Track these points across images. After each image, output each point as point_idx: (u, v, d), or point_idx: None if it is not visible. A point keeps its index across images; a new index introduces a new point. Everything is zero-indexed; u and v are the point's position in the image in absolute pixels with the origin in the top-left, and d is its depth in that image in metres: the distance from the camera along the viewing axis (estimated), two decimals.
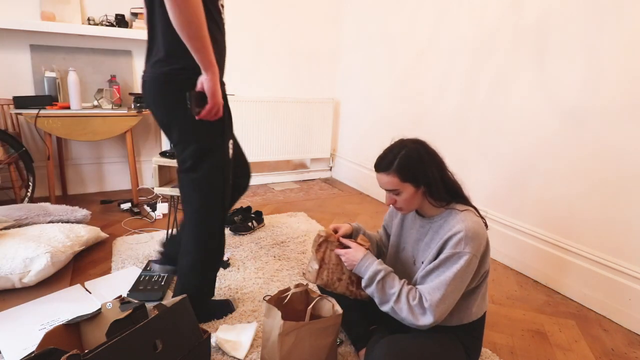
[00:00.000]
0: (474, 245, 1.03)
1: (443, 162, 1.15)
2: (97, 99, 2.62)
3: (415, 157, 1.09)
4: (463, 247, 1.03)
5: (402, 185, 1.10)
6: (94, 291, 1.62)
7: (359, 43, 3.29)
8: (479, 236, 1.05)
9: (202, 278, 1.41)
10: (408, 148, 1.11)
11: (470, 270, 1.05)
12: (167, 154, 1.80)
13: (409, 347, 1.06)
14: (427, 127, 2.62)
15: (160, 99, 1.27)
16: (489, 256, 1.13)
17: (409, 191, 1.10)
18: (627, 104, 1.57)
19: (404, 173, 1.09)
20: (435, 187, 1.10)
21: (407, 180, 1.09)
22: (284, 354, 1.11)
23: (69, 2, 2.61)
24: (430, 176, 1.09)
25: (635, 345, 1.51)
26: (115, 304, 1.17)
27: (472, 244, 1.03)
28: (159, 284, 1.58)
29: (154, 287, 1.56)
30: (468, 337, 1.17)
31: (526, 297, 1.81)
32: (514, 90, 2.02)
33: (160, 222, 2.42)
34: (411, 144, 1.13)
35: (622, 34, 1.57)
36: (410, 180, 1.09)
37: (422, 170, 1.09)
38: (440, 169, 1.12)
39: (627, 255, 1.61)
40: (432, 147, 1.15)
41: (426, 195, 1.11)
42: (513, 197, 2.07)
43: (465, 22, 2.28)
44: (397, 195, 1.12)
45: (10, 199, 2.56)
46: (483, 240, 1.07)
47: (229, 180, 1.39)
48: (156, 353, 1.01)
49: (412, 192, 1.10)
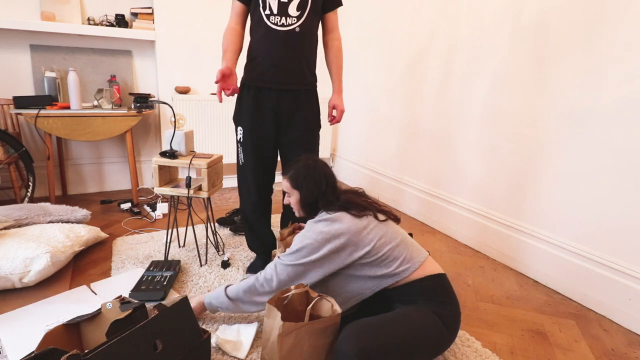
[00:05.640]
0: (311, 234, 1.29)
1: (327, 183, 1.36)
2: (97, 99, 2.62)
3: (302, 173, 1.37)
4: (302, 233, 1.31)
5: (291, 191, 1.40)
6: (99, 292, 1.61)
7: (359, 43, 3.29)
8: (317, 226, 1.29)
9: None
10: (304, 164, 1.38)
11: (308, 249, 1.27)
12: (167, 154, 1.80)
13: (370, 324, 1.10)
14: (427, 127, 2.62)
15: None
16: (362, 242, 1.25)
17: (296, 197, 1.40)
18: (627, 104, 1.57)
19: (293, 181, 1.38)
20: (304, 201, 1.38)
21: (294, 187, 1.39)
22: (284, 354, 1.11)
23: (69, 2, 2.61)
24: (304, 191, 1.36)
25: (635, 345, 1.51)
26: (115, 304, 1.17)
27: (308, 231, 1.30)
28: (161, 284, 1.58)
29: (156, 287, 1.56)
30: (434, 304, 1.20)
31: (526, 297, 1.81)
32: (513, 90, 2.02)
33: (160, 222, 2.42)
34: (311, 162, 1.40)
35: (622, 33, 1.57)
36: (296, 188, 1.38)
37: (302, 184, 1.36)
38: (318, 188, 1.35)
39: (627, 255, 1.61)
40: (326, 170, 1.40)
41: (299, 205, 1.40)
42: (512, 197, 2.07)
43: (465, 22, 2.28)
44: (289, 197, 1.42)
45: (10, 199, 2.56)
46: (321, 227, 1.28)
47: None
48: (156, 353, 1.01)
49: (297, 199, 1.40)
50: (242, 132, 1.71)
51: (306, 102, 1.72)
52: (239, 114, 1.72)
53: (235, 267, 1.89)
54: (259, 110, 1.67)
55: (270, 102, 1.66)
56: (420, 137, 2.70)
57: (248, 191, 1.77)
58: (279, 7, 1.55)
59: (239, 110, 1.71)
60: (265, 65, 1.61)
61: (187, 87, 2.95)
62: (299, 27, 1.59)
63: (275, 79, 1.62)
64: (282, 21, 1.56)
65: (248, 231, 1.88)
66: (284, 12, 1.55)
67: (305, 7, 1.58)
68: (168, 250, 1.93)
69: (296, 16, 1.57)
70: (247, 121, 1.69)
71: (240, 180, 1.79)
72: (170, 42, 2.91)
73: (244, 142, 1.72)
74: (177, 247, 2.06)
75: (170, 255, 1.96)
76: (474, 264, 2.11)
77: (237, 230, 2.29)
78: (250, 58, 1.65)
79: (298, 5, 1.56)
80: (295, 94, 1.68)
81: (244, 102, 1.69)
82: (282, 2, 1.55)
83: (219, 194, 3.11)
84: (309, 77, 1.72)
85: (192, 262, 1.91)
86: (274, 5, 1.55)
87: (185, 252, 2.02)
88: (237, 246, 2.13)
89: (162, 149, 3.10)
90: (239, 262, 1.94)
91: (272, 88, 1.64)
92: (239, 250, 2.07)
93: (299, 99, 1.69)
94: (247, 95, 1.67)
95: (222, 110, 3.04)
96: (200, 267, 1.87)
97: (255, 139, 1.70)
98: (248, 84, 1.67)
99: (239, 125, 1.73)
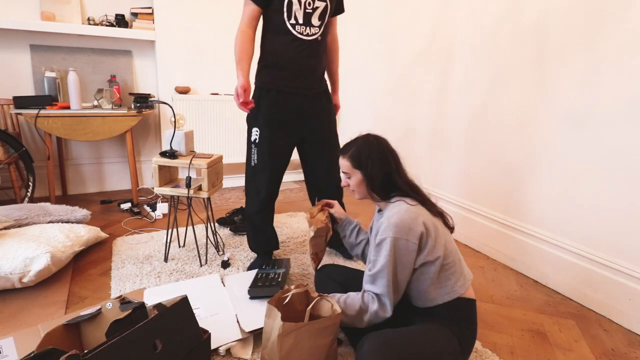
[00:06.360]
0: (397, 229, 1.12)
1: (394, 161, 1.25)
2: (97, 99, 2.62)
3: (366, 151, 1.23)
4: (387, 233, 1.13)
5: (352, 171, 1.26)
6: (227, 285, 1.68)
7: (358, 42, 3.29)
8: (403, 221, 1.13)
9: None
10: (366, 141, 1.25)
11: (402, 252, 1.13)
12: (167, 154, 1.80)
13: (397, 339, 1.08)
14: (427, 127, 2.62)
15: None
16: (437, 242, 1.15)
17: (358, 177, 1.25)
18: (626, 104, 1.57)
19: (355, 161, 1.24)
20: (371, 181, 1.23)
21: (356, 167, 1.24)
22: (284, 355, 1.11)
23: (69, 2, 2.61)
24: (370, 171, 1.22)
25: (635, 345, 1.51)
26: (115, 303, 1.17)
27: (394, 228, 1.12)
28: (276, 280, 1.61)
29: (272, 283, 1.59)
30: (457, 328, 1.18)
31: (526, 297, 1.81)
32: (513, 89, 2.02)
33: (160, 222, 2.43)
34: (372, 138, 1.26)
35: (623, 34, 1.57)
36: (359, 168, 1.24)
37: (367, 163, 1.22)
38: (384, 167, 1.22)
39: (627, 255, 1.61)
40: (389, 147, 1.27)
41: (366, 188, 1.25)
42: (512, 196, 2.07)
43: (465, 22, 2.28)
44: (348, 179, 1.28)
45: (10, 199, 2.56)
46: (410, 224, 1.13)
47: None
48: (156, 353, 1.01)
49: (360, 179, 1.25)
50: (259, 133, 1.73)
51: (326, 103, 1.83)
52: (255, 115, 1.73)
53: (235, 267, 1.89)
54: (281, 113, 1.71)
55: (293, 106, 1.72)
56: (420, 137, 2.69)
57: (257, 191, 1.79)
58: (304, 17, 1.62)
59: (257, 112, 1.72)
60: (289, 71, 1.67)
61: (187, 87, 2.95)
62: (320, 36, 1.69)
63: (300, 84, 1.71)
64: (307, 31, 1.64)
65: (252, 231, 1.89)
66: (308, 22, 1.63)
67: (325, 17, 1.67)
68: (168, 250, 1.93)
69: (318, 26, 1.66)
70: (265, 123, 1.71)
71: (250, 180, 1.81)
72: (170, 42, 2.91)
73: (259, 143, 1.74)
74: (177, 247, 2.06)
75: (170, 255, 1.96)
76: (474, 264, 2.11)
77: (237, 230, 2.29)
78: (270, 63, 1.69)
79: (319, 15, 1.65)
80: (316, 97, 1.78)
81: (263, 104, 1.71)
82: (307, 12, 1.62)
83: (219, 194, 3.11)
84: (324, 80, 1.83)
85: (192, 262, 1.91)
86: (299, 16, 1.61)
87: (185, 252, 2.02)
88: (237, 246, 2.13)
89: (162, 149, 3.10)
90: (239, 262, 1.94)
91: (296, 93, 1.71)
92: (239, 250, 2.07)
93: (321, 101, 1.80)
94: (267, 98, 1.70)
95: (222, 110, 3.04)
96: (200, 267, 1.87)
97: (275, 140, 1.73)
98: (268, 87, 1.71)
99: (254, 127, 1.74)
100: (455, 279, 1.19)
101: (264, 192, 1.78)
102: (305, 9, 1.61)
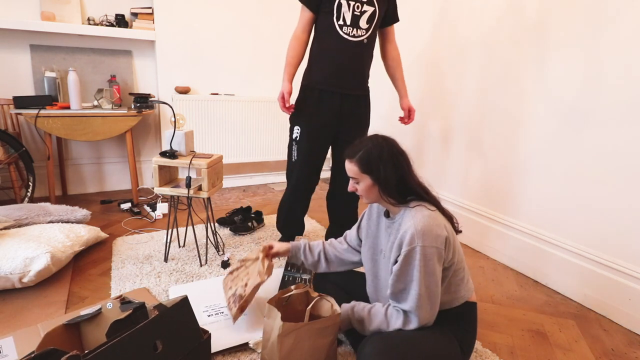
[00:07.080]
0: (425, 237, 1.07)
1: (405, 163, 1.18)
2: (97, 99, 2.62)
3: (376, 154, 1.14)
4: (415, 242, 1.07)
5: (361, 176, 1.17)
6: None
7: None
8: (429, 227, 1.08)
9: None
10: (375, 143, 1.16)
11: (433, 260, 1.08)
12: (167, 154, 1.80)
13: (399, 343, 1.07)
14: (427, 126, 2.62)
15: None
16: (455, 247, 1.15)
17: (367, 182, 1.17)
18: (627, 104, 1.57)
19: (364, 165, 1.15)
20: (385, 186, 1.15)
21: (365, 172, 1.16)
22: (284, 355, 1.11)
23: (69, 2, 2.61)
24: (382, 175, 1.14)
25: (635, 345, 1.51)
26: (115, 304, 1.17)
27: (422, 236, 1.07)
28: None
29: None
30: (459, 331, 1.17)
31: (526, 297, 1.81)
32: (513, 89, 2.02)
33: (160, 222, 2.42)
34: (381, 140, 1.18)
35: (623, 34, 1.57)
36: (368, 172, 1.15)
37: (378, 167, 1.14)
38: (397, 170, 1.15)
39: (627, 255, 1.61)
40: (399, 148, 1.19)
41: (380, 192, 1.17)
42: (512, 196, 2.07)
43: (464, 22, 2.28)
44: (357, 184, 1.20)
45: (10, 199, 2.56)
46: (437, 230, 1.09)
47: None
48: (156, 353, 1.01)
49: (369, 184, 1.17)
50: (300, 130, 1.85)
51: (364, 106, 1.90)
52: (299, 113, 1.85)
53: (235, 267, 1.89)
54: (321, 111, 1.81)
55: (333, 104, 1.81)
56: (419, 137, 2.69)
57: (296, 184, 1.93)
58: (352, 19, 1.70)
59: (300, 110, 1.84)
60: (332, 70, 1.76)
61: (187, 87, 2.95)
62: (366, 39, 1.75)
63: (340, 83, 1.78)
64: (353, 32, 1.71)
65: (286, 212, 2.02)
66: (356, 24, 1.71)
67: (373, 21, 1.74)
68: (168, 250, 1.93)
69: (365, 28, 1.73)
70: (306, 122, 1.83)
71: (290, 175, 1.95)
72: (170, 42, 2.91)
73: (300, 141, 1.86)
74: (177, 247, 2.06)
75: (170, 255, 1.96)
76: (474, 264, 2.11)
77: (237, 230, 2.29)
78: (316, 62, 1.80)
79: (368, 18, 1.72)
80: (356, 98, 1.85)
81: (306, 103, 1.82)
82: (355, 15, 1.68)
83: (219, 194, 3.11)
84: (366, 85, 1.90)
85: (192, 262, 1.91)
86: (347, 17, 1.68)
87: (185, 252, 2.02)
88: (237, 246, 2.13)
89: (162, 149, 3.10)
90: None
91: (335, 92, 1.79)
92: (239, 250, 2.07)
93: (359, 103, 1.87)
94: (311, 97, 1.81)
95: (222, 110, 3.04)
96: (200, 267, 1.87)
97: (314, 138, 1.85)
98: (312, 86, 1.81)
99: (296, 125, 1.87)
100: (464, 284, 1.19)
101: (302, 186, 1.93)
102: (354, 11, 1.68)
